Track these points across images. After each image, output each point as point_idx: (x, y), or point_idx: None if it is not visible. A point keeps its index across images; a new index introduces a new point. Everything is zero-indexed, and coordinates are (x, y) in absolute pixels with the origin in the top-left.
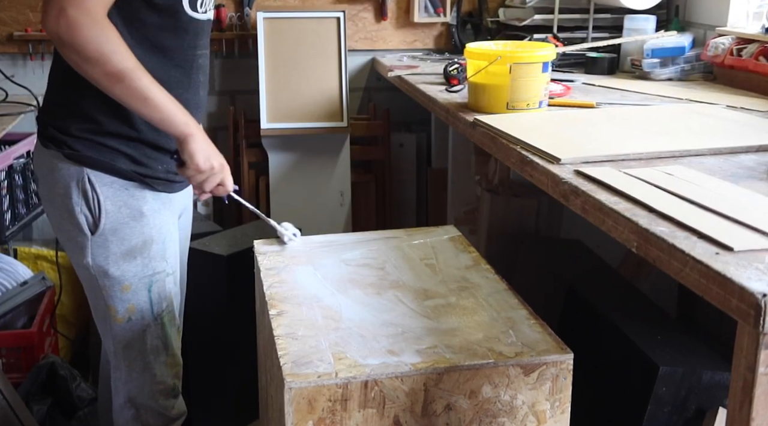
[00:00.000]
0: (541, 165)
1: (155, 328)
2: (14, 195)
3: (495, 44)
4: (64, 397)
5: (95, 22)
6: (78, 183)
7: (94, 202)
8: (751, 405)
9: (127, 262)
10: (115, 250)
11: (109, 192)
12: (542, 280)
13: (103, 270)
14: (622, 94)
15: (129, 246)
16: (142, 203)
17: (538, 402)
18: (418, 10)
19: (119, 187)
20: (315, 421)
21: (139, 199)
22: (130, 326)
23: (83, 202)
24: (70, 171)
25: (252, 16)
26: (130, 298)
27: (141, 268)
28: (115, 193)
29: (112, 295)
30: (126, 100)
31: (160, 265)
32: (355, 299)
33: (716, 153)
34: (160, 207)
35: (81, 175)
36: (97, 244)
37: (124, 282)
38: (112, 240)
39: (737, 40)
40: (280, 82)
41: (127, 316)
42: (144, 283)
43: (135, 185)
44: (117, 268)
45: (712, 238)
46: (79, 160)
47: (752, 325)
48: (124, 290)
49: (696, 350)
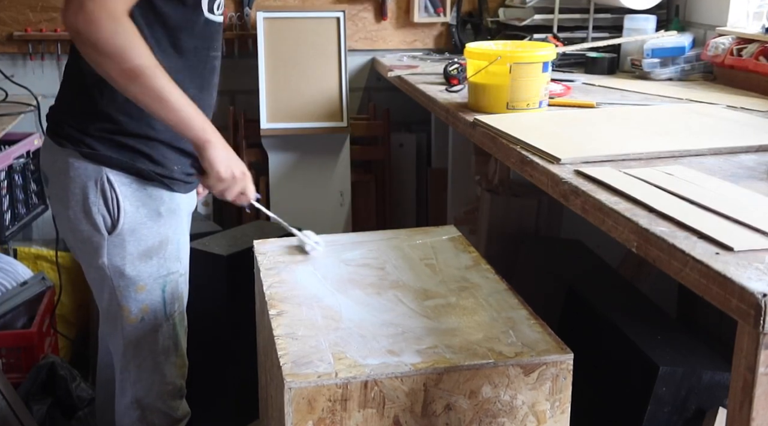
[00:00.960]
0: (541, 165)
1: (167, 329)
2: (14, 195)
3: (495, 44)
4: (63, 397)
5: (114, 17)
6: (96, 182)
7: (113, 201)
8: (751, 405)
9: (143, 263)
10: (132, 250)
11: (128, 192)
12: (542, 280)
13: (119, 270)
14: (622, 94)
15: (146, 246)
16: (159, 204)
17: (538, 402)
18: (418, 10)
19: (138, 187)
20: (315, 421)
21: (156, 199)
22: (143, 326)
23: (101, 202)
24: (88, 170)
25: (252, 16)
26: (144, 299)
27: (156, 268)
28: (133, 193)
29: (127, 295)
30: (142, 100)
31: (174, 265)
32: (355, 299)
33: (716, 153)
34: (175, 207)
35: (99, 175)
36: (114, 245)
37: (139, 282)
38: (129, 240)
39: (737, 40)
40: (280, 82)
41: (140, 317)
42: (159, 283)
43: (153, 185)
44: (133, 269)
45: (712, 238)
46: (98, 159)
47: (752, 325)
48: (138, 290)
49: (696, 350)
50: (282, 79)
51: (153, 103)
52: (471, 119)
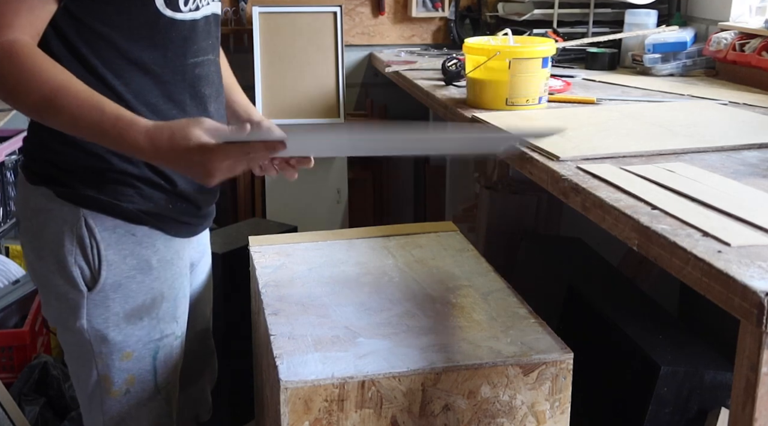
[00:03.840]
0: (541, 162)
1: (157, 405)
2: (5, 192)
3: (494, 39)
4: (56, 398)
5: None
6: (73, 228)
7: (93, 251)
8: (754, 405)
9: (131, 325)
10: (118, 309)
11: (111, 238)
12: (542, 278)
13: (101, 334)
14: (623, 89)
15: (134, 305)
16: (151, 252)
17: (538, 402)
18: (415, 5)
19: (124, 233)
20: (311, 422)
21: (147, 246)
22: (127, 400)
23: (78, 251)
24: (63, 212)
25: (247, 10)
26: (131, 368)
27: (147, 331)
28: (118, 240)
29: (109, 364)
30: (68, 131)
31: (169, 326)
32: (352, 298)
33: (718, 150)
34: (172, 256)
35: (77, 218)
36: (95, 303)
37: (125, 348)
38: (113, 298)
39: (740, 35)
40: (276, 78)
41: (125, 389)
42: (149, 348)
43: (143, 229)
44: (118, 332)
45: (714, 236)
46: (75, 199)
47: (755, 324)
48: (124, 358)
49: (698, 350)
50: (278, 74)
51: (71, 130)
52: (470, 116)
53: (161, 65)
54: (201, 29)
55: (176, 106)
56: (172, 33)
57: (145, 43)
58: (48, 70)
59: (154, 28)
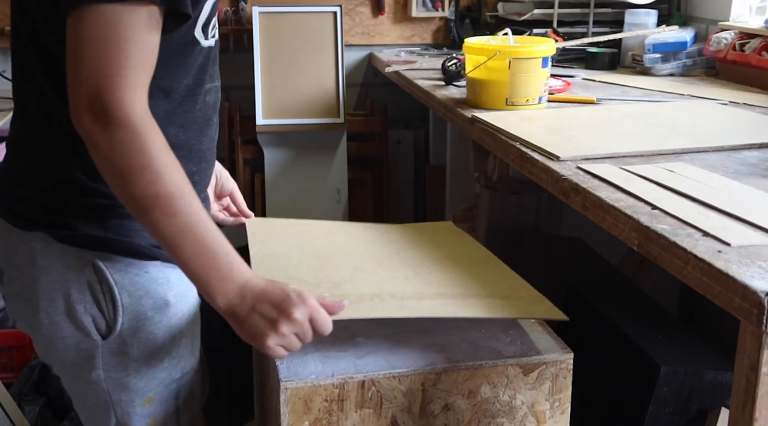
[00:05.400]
0: (541, 162)
1: None
2: None
3: (494, 39)
4: (56, 398)
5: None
6: (79, 274)
7: (105, 296)
8: (754, 405)
9: (151, 369)
10: (137, 355)
11: (124, 280)
12: (542, 278)
13: (121, 382)
14: (623, 89)
15: (154, 347)
16: (167, 288)
17: (538, 402)
18: (415, 5)
19: (137, 272)
20: (311, 422)
21: (162, 283)
22: None
23: (89, 299)
24: (65, 258)
25: (247, 10)
26: (153, 412)
27: (169, 372)
28: (132, 281)
29: (130, 411)
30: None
31: (189, 362)
32: None
33: (719, 150)
34: (186, 288)
35: (83, 263)
36: (112, 351)
37: (147, 393)
38: (132, 343)
39: (740, 35)
40: (276, 78)
41: None
42: (171, 390)
43: (156, 265)
44: (139, 378)
45: (714, 236)
46: (79, 241)
47: (755, 324)
48: (146, 403)
49: (698, 350)
50: (278, 74)
51: (169, 247)
52: (470, 116)
53: (183, 93)
54: (214, 56)
55: (193, 136)
56: (198, 59)
57: (179, 69)
58: (173, 168)
59: (189, 55)
